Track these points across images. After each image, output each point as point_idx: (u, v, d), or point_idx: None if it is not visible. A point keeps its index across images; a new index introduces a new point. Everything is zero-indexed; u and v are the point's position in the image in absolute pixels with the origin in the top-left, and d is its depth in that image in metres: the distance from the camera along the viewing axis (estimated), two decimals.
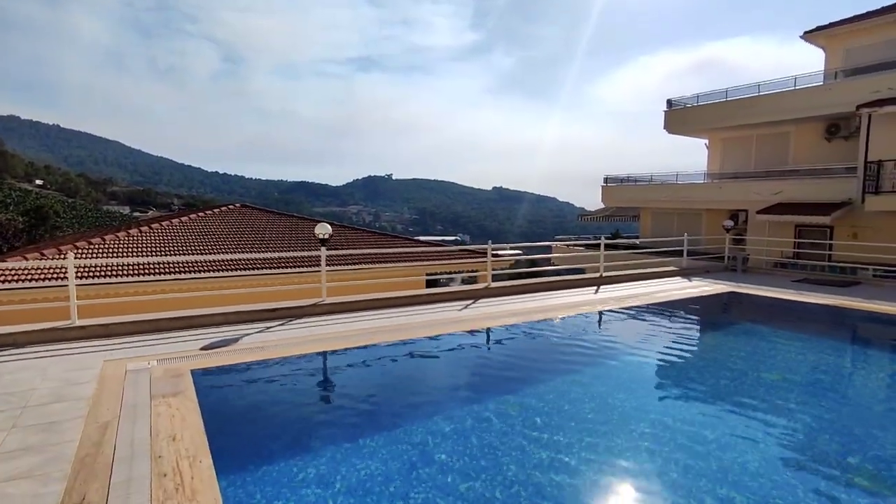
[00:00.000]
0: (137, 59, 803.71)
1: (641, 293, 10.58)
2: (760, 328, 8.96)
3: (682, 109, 21.68)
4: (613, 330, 8.30)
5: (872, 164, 15.46)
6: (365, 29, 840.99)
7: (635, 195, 23.78)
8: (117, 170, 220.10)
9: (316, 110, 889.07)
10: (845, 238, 16.83)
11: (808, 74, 18.11)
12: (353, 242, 16.38)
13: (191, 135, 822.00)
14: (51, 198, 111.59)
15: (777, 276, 13.44)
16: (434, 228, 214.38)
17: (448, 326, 7.50)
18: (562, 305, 9.21)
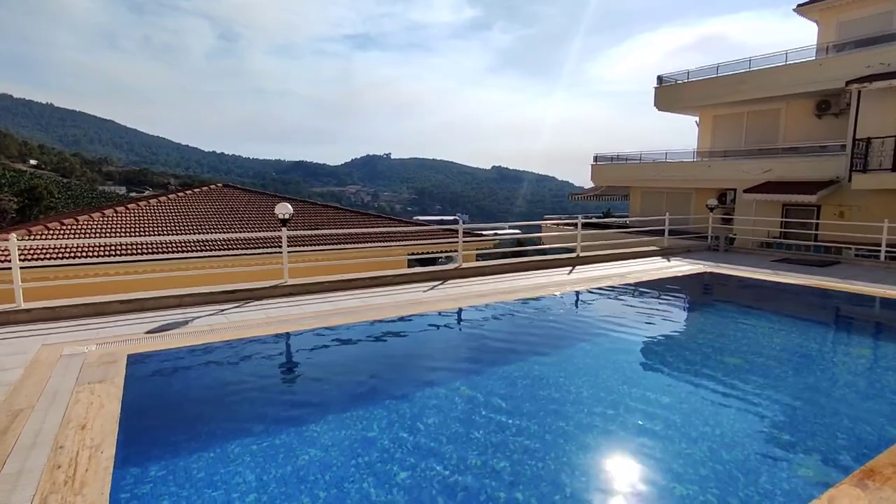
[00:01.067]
0: (131, 37, 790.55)
1: (616, 273, 10.44)
2: (729, 309, 8.84)
3: (673, 86, 21.23)
4: (579, 312, 8.17)
5: (861, 142, 15.16)
6: (363, 5, 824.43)
7: (624, 174, 23.48)
8: (113, 149, 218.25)
9: (314, 89, 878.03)
10: (832, 217, 16.63)
11: (800, 49, 17.67)
12: (333, 222, 16.19)
13: (188, 114, 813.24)
14: (46, 178, 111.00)
15: (759, 256, 13.29)
16: (433, 208, 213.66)
17: (407, 308, 7.37)
18: (532, 286, 9.07)
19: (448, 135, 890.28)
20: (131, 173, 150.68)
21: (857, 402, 4.80)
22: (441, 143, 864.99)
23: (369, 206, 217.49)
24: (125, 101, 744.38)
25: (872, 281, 9.68)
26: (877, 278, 9.98)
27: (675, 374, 5.51)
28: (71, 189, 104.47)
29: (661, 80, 21.64)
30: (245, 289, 7.55)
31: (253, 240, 12.11)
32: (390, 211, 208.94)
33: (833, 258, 12.44)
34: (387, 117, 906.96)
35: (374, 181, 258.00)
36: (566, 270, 10.56)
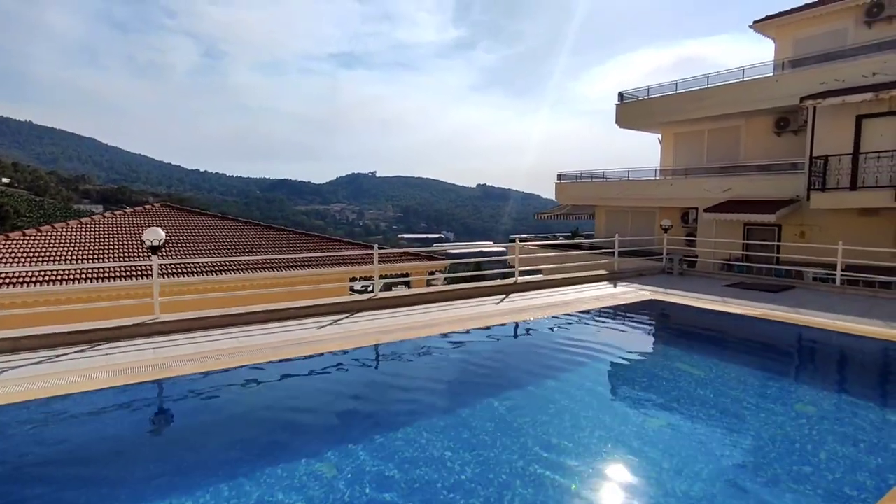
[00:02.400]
0: (113, 55, 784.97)
1: (551, 303, 9.58)
2: (663, 346, 8.00)
3: (633, 103, 20.78)
4: (484, 353, 7.24)
5: (818, 160, 14.66)
6: (348, 24, 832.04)
7: (588, 192, 22.86)
8: (92, 167, 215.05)
9: (299, 107, 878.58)
10: (793, 238, 16.06)
11: (758, 65, 17.30)
12: (271, 245, 15.20)
13: (170, 131, 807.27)
14: (17, 196, 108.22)
15: (713, 280, 12.56)
16: (418, 226, 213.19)
17: (290, 350, 6.39)
18: (449, 319, 8.15)
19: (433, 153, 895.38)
20: (109, 191, 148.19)
21: (781, 473, 3.92)
22: (426, 161, 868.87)
23: (354, 223, 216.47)
24: (106, 118, 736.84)
25: (822, 309, 8.94)
26: (827, 305, 9.24)
27: (581, 436, 4.59)
28: (44, 208, 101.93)
29: (622, 96, 21.19)
30: (101, 328, 6.52)
31: (129, 269, 10.98)
32: (375, 229, 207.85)
33: (789, 282, 11.73)
34: (372, 135, 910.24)
35: (359, 199, 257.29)
36: (497, 300, 9.67)
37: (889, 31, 15.21)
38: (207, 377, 5.54)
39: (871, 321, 8.06)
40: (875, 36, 15.36)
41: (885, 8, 15.28)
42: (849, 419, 4.96)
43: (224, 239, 15.02)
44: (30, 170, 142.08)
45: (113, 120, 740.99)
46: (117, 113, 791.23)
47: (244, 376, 5.71)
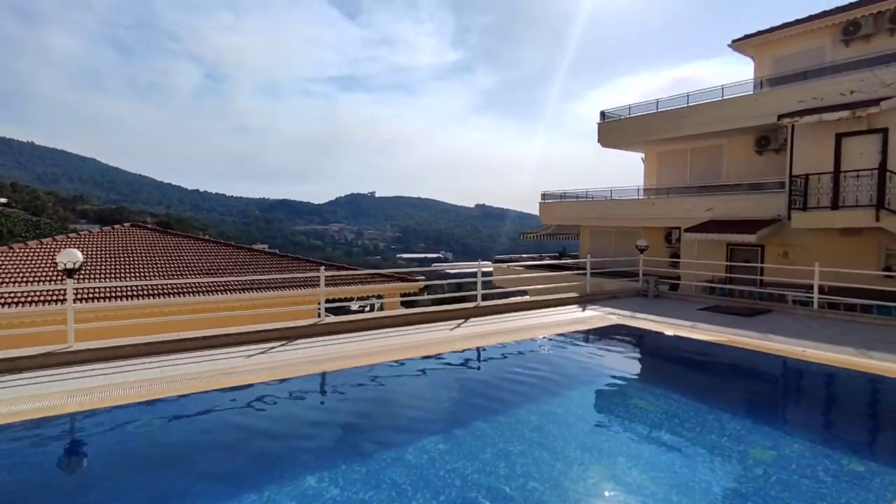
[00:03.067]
0: (116, 77, 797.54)
1: (509, 328, 9.08)
2: (621, 376, 7.48)
3: (615, 122, 20.56)
4: (423, 384, 6.73)
5: (798, 179, 14.29)
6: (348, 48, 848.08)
7: (571, 212, 22.49)
8: (93, 187, 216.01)
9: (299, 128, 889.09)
10: (776, 258, 15.61)
11: (738, 83, 17.08)
12: (233, 263, 14.74)
13: (171, 152, 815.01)
14: (13, 216, 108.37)
15: (689, 303, 12.06)
16: (416, 246, 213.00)
17: (210, 381, 5.88)
18: (396, 347, 7.66)
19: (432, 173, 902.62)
20: (106, 212, 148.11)
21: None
22: (425, 181, 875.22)
23: (353, 244, 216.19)
24: (108, 139, 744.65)
25: (794, 334, 8.43)
26: (800, 331, 8.74)
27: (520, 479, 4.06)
28: (40, 227, 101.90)
29: (604, 115, 20.98)
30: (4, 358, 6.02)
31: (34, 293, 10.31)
32: (374, 249, 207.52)
33: (767, 306, 11.22)
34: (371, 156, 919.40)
35: (358, 219, 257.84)
36: (454, 325, 9.16)
37: (866, 49, 15.02)
38: (111, 413, 5.02)
39: (841, 348, 7.55)
40: (853, 54, 15.17)
41: (862, 27, 15.11)
42: (808, 467, 4.42)
43: (187, 260, 14.58)
44: (28, 190, 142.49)
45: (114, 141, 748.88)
46: (119, 134, 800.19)
47: (154, 412, 5.21)
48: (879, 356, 7.14)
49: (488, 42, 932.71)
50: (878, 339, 8.20)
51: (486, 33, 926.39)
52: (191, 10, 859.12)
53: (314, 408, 5.84)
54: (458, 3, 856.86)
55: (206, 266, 13.97)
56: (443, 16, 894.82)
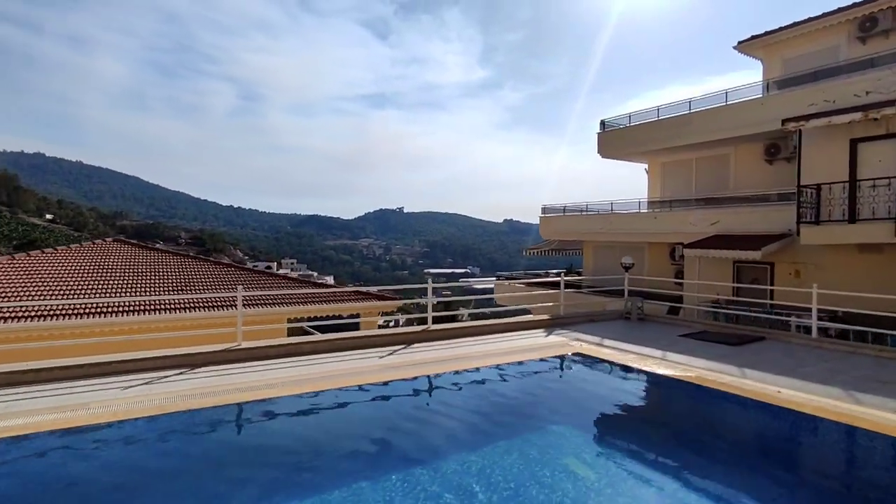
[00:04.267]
0: (157, 98, 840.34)
1: (452, 356, 8.13)
2: (537, 425, 6.41)
3: (615, 131, 19.42)
4: (306, 425, 5.87)
5: (808, 189, 12.87)
6: (378, 67, 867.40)
7: (572, 226, 21.32)
8: (134, 204, 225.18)
9: (330, 145, 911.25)
10: (786, 277, 14.12)
11: (744, 87, 15.76)
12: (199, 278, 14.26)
13: (207, 169, 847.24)
14: (57, 232, 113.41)
15: (675, 327, 10.80)
16: (444, 261, 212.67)
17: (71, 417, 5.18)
18: (298, 378, 6.83)
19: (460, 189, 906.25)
20: (143, 227, 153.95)
21: None
22: (453, 196, 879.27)
23: (381, 258, 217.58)
24: (149, 157, 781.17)
25: (781, 369, 7.18)
26: (789, 365, 7.46)
27: None
28: (80, 243, 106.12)
29: (604, 125, 19.87)
30: None
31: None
32: (401, 264, 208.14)
33: (760, 332, 9.86)
34: (400, 172, 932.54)
35: (386, 234, 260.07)
36: (387, 352, 8.27)
37: (885, 45, 13.57)
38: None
39: (828, 389, 6.30)
40: (869, 52, 13.73)
41: (880, 22, 13.69)
42: None
43: (160, 276, 14.21)
44: (72, 206, 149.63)
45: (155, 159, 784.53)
46: (159, 152, 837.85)
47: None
48: (870, 400, 5.87)
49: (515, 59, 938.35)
50: (876, 376, 6.88)
51: (514, 50, 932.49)
52: (227, 33, 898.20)
53: (164, 454, 5.05)
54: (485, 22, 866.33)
55: (165, 283, 13.53)
56: (471, 35, 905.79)
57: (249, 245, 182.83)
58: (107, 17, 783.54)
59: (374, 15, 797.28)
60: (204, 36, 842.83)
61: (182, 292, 12.97)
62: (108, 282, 12.89)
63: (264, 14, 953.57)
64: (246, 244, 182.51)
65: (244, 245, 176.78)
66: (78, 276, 12.96)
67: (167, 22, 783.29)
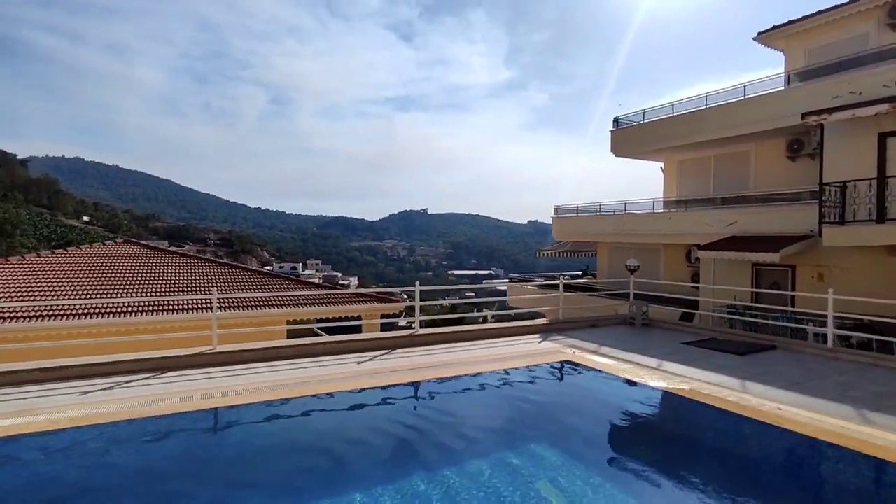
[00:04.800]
0: (192, 104, 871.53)
1: (438, 362, 7.75)
2: (514, 444, 5.96)
3: (628, 129, 18.69)
4: (257, 437, 5.57)
5: (832, 187, 12.01)
6: (404, 70, 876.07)
7: (585, 227, 20.65)
8: (167, 206, 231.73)
9: (356, 147, 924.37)
10: (809, 282, 13.24)
11: (764, 80, 14.89)
12: None
13: (238, 172, 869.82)
14: (92, 233, 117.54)
15: (682, 333, 10.16)
16: (468, 262, 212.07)
17: None
18: (268, 385, 6.55)
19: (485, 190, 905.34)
20: (174, 228, 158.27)
21: None
22: (477, 197, 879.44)
23: (405, 260, 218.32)
24: (182, 161, 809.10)
25: (786, 383, 6.56)
26: (795, 379, 6.82)
27: None
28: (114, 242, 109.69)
29: (617, 122, 19.17)
30: None
31: None
32: (425, 265, 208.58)
33: (769, 341, 9.15)
34: (425, 173, 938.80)
35: (410, 236, 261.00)
36: (369, 357, 7.93)
37: None
38: None
39: (839, 406, 5.67)
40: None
41: None
42: None
43: (160, 278, 14.26)
44: (108, 209, 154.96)
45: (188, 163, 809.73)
46: (192, 156, 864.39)
47: None
48: (884, 421, 5.24)
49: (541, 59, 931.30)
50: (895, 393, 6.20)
51: (539, 51, 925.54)
52: (259, 39, 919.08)
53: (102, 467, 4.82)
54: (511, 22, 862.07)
55: (163, 284, 13.54)
56: (496, 36, 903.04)
57: (276, 246, 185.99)
58: (145, 27, 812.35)
59: (399, 18, 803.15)
60: (237, 42, 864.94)
61: (174, 294, 12.95)
62: (97, 284, 12.96)
63: (295, 19, 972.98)
64: (273, 245, 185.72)
65: (271, 246, 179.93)
66: (64, 279, 13.06)
67: (202, 30, 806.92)
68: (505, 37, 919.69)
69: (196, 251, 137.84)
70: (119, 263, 14.68)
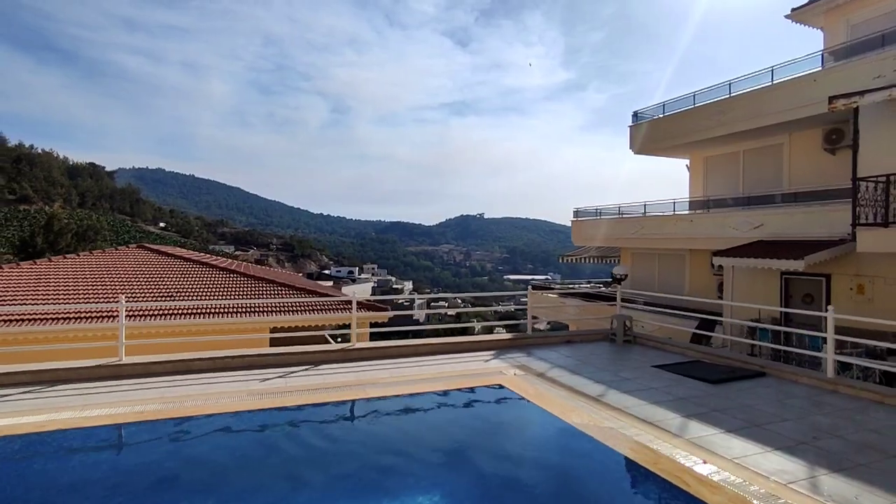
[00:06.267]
0: (258, 115, 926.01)
1: (349, 383, 7.01)
2: None
3: (647, 123, 17.06)
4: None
5: (868, 182, 10.13)
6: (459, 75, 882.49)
7: (605, 231, 19.08)
8: (236, 213, 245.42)
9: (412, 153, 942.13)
10: (847, 294, 11.29)
11: (798, 60, 12.98)
12: None
13: (301, 180, 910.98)
14: (167, 238, 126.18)
15: (662, 354, 8.77)
16: (524, 267, 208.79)
17: None
18: (161, 401, 6.08)
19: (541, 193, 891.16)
20: (240, 234, 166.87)
21: None
22: (534, 201, 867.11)
23: (461, 264, 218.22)
24: (250, 169, 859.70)
25: (743, 426, 5.25)
26: (766, 418, 5.46)
27: None
28: (185, 247, 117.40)
29: (636, 116, 17.58)
30: None
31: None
32: (481, 270, 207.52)
33: (759, 366, 7.59)
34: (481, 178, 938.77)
35: (466, 240, 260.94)
36: (278, 374, 7.31)
37: None
38: None
39: (788, 462, 4.37)
40: None
41: None
42: None
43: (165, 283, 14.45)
44: (182, 216, 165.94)
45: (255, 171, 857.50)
46: (259, 164, 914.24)
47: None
48: (838, 489, 3.93)
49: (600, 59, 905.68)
50: (885, 446, 4.76)
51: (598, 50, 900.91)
52: (320, 50, 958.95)
53: None
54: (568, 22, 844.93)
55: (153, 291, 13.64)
56: (553, 37, 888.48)
57: (336, 251, 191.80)
58: (217, 44, 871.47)
59: (455, 24, 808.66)
60: (299, 55, 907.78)
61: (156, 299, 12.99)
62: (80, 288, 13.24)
63: (353, 30, 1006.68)
64: (332, 250, 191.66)
65: (330, 251, 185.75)
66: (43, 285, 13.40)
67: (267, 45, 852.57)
68: (561, 37, 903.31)
69: (259, 255, 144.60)
70: (105, 270, 15.01)
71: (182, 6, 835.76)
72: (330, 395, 6.33)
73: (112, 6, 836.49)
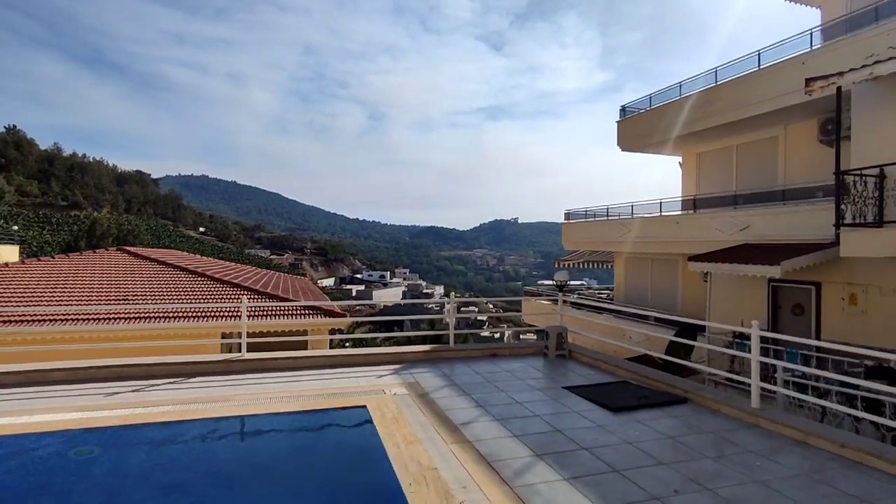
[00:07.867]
0: (297, 122, 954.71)
1: (209, 398, 6.32)
2: None
3: (634, 118, 15.75)
4: None
5: (855, 175, 8.71)
6: (494, 80, 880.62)
7: (593, 234, 17.82)
8: (274, 218, 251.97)
9: (447, 158, 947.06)
10: (838, 304, 9.81)
11: (788, 40, 11.52)
12: None
13: (337, 185, 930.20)
14: (206, 242, 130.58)
15: (593, 372, 7.67)
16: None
17: None
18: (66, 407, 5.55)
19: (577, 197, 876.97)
20: (277, 238, 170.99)
21: None
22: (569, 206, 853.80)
23: (494, 269, 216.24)
24: (289, 175, 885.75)
25: (582, 471, 4.23)
26: (612, 464, 4.41)
27: None
28: (223, 252, 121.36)
29: (624, 111, 16.29)
30: None
31: None
32: (515, 275, 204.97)
33: (682, 392, 6.38)
34: (515, 182, 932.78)
35: (500, 245, 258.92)
36: (132, 387, 6.69)
37: None
38: None
39: None
40: None
41: None
42: None
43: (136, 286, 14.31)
44: (221, 221, 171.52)
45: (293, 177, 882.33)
46: (297, 171, 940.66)
47: None
48: None
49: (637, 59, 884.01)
50: None
51: (635, 51, 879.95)
52: (357, 58, 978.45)
53: None
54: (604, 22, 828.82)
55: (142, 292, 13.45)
56: (589, 38, 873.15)
57: (370, 255, 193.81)
58: (260, 55, 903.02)
59: (489, 28, 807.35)
60: (336, 63, 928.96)
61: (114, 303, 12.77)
62: None
63: (389, 38, 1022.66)
64: (367, 254, 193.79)
65: (364, 255, 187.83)
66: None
67: (307, 54, 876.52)
68: (598, 38, 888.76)
69: (293, 259, 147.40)
70: (68, 273, 14.95)
71: (226, 19, 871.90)
72: (159, 416, 5.64)
73: (165, 22, 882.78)
